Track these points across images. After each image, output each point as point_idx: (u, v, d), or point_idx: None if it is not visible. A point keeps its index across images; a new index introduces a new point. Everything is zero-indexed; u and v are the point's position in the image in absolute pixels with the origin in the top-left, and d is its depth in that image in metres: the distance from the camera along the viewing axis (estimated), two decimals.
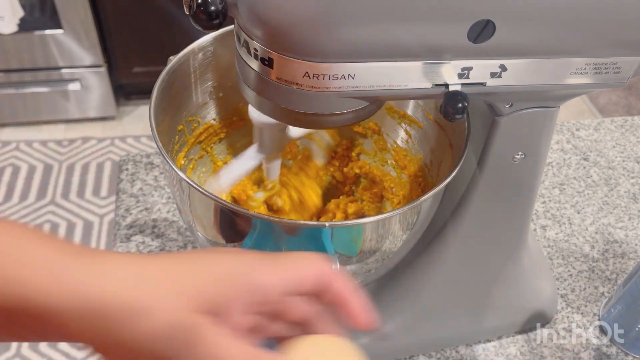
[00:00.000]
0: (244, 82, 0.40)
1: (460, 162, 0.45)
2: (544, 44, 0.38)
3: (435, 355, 0.61)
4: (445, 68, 0.37)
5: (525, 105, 0.45)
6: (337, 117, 0.39)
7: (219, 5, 0.34)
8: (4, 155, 1.92)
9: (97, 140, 1.98)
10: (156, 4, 1.77)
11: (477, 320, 0.61)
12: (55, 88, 1.93)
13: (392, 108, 0.61)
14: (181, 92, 0.54)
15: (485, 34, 0.35)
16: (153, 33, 1.85)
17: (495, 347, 0.62)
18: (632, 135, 0.89)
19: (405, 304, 0.60)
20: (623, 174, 0.82)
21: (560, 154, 0.85)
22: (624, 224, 0.75)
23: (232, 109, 0.60)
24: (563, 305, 0.66)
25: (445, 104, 0.38)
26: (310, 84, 0.36)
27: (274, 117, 0.41)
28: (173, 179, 0.47)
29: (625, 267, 0.70)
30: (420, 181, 0.60)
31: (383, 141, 0.64)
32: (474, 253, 0.57)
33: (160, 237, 0.69)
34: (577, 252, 0.72)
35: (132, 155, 0.79)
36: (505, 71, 0.39)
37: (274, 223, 0.45)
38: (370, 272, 0.50)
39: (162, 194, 0.74)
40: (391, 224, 0.45)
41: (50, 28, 1.78)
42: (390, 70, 0.37)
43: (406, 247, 0.50)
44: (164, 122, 0.51)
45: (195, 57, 0.54)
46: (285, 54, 0.35)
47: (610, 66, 0.41)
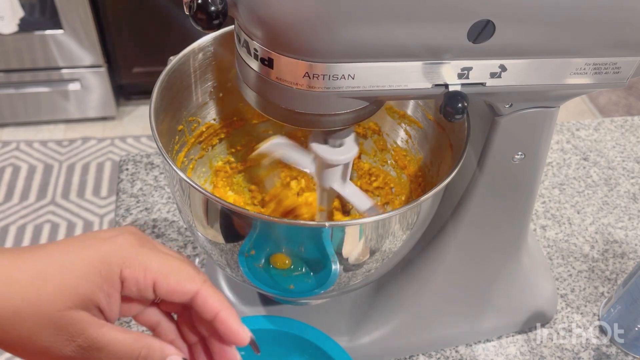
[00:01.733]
0: (244, 82, 0.40)
1: (460, 162, 0.45)
2: (544, 44, 0.38)
3: (435, 355, 0.61)
4: (445, 68, 0.37)
5: (525, 106, 0.45)
6: (337, 117, 0.39)
7: (219, 6, 0.34)
8: (4, 155, 1.92)
9: (97, 140, 1.98)
10: (156, 4, 1.78)
11: (477, 320, 0.61)
12: (55, 88, 1.93)
13: (392, 108, 0.61)
14: (181, 92, 0.54)
15: (485, 34, 0.35)
16: (153, 33, 1.85)
17: (495, 347, 0.62)
18: (632, 135, 0.89)
19: (405, 304, 0.60)
20: (623, 174, 0.82)
21: (560, 154, 0.85)
22: (623, 224, 0.75)
23: (232, 109, 0.60)
24: (563, 305, 0.66)
25: (445, 104, 0.38)
26: (310, 84, 0.36)
27: (274, 117, 0.41)
28: (173, 179, 0.47)
29: (625, 267, 0.70)
30: (420, 181, 0.60)
31: (383, 141, 0.64)
32: (473, 253, 0.57)
33: (160, 237, 0.69)
34: (577, 252, 0.72)
35: (132, 155, 0.79)
36: (505, 71, 0.39)
37: (273, 223, 0.45)
38: (370, 272, 0.50)
39: (162, 194, 0.74)
40: (391, 224, 0.45)
41: (50, 28, 1.78)
42: (390, 71, 0.37)
43: (406, 247, 0.50)
44: (164, 122, 0.51)
45: (195, 57, 0.54)
46: (285, 54, 0.35)
47: (610, 66, 0.41)
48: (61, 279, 0.32)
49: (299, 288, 0.51)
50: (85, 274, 0.33)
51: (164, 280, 0.34)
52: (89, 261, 0.33)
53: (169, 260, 0.35)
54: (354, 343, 0.58)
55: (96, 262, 0.33)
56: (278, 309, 0.60)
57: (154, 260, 0.34)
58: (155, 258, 0.35)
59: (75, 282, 0.33)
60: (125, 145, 1.97)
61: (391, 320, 0.59)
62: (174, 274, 0.35)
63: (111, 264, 0.33)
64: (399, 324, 0.59)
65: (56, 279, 0.32)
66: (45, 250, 0.34)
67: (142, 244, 0.35)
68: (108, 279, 0.33)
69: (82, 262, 0.33)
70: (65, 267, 0.33)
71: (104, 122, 2.07)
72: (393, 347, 0.60)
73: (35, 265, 0.33)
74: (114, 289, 0.34)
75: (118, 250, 0.34)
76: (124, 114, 2.10)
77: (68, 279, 0.32)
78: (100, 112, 2.04)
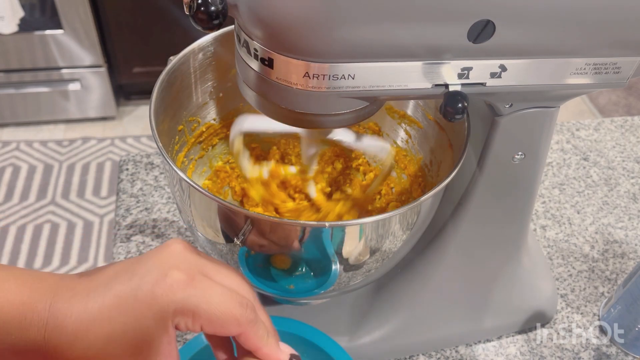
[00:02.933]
0: (244, 82, 0.40)
1: (460, 162, 0.45)
2: (543, 44, 0.38)
3: (435, 355, 0.61)
4: (445, 68, 0.37)
5: (525, 106, 0.45)
6: (337, 117, 0.39)
7: (219, 6, 0.34)
8: (4, 155, 1.92)
9: (97, 140, 1.98)
10: (156, 4, 1.78)
11: (477, 320, 0.61)
12: (55, 88, 1.94)
13: (392, 108, 0.61)
14: (181, 92, 0.54)
15: (485, 34, 0.35)
16: (153, 33, 1.85)
17: (495, 347, 0.62)
18: (632, 135, 0.89)
19: (405, 304, 0.60)
20: (623, 174, 0.82)
21: (560, 154, 0.85)
22: (624, 224, 0.75)
23: (232, 109, 0.60)
24: (563, 305, 0.66)
25: (445, 104, 0.38)
26: (310, 84, 0.36)
27: (274, 117, 0.41)
28: (173, 179, 0.47)
29: (625, 267, 0.70)
30: (420, 181, 0.60)
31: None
32: (473, 253, 0.57)
33: (160, 237, 0.69)
34: (577, 252, 0.72)
35: (132, 155, 0.79)
36: (505, 71, 0.39)
37: (273, 223, 0.45)
38: (370, 272, 0.50)
39: (162, 194, 0.74)
40: (391, 224, 0.45)
41: (50, 28, 1.78)
42: (390, 71, 0.37)
43: (406, 247, 0.50)
44: (164, 122, 0.51)
45: (195, 57, 0.54)
46: (285, 54, 0.35)
47: (610, 66, 0.41)
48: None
49: (299, 288, 0.51)
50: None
51: (210, 327, 0.35)
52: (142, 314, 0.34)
53: (217, 297, 0.35)
54: (354, 343, 0.58)
55: (149, 318, 0.34)
56: (278, 309, 0.60)
57: (202, 304, 0.34)
58: (203, 300, 0.34)
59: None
60: (125, 145, 1.97)
61: (391, 320, 0.59)
62: (221, 318, 0.35)
63: (163, 316, 0.34)
64: (399, 324, 0.59)
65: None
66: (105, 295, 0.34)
67: (192, 276, 0.35)
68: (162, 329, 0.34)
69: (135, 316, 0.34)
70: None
71: (104, 122, 2.07)
72: (393, 347, 0.60)
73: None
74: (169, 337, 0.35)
75: (169, 294, 0.34)
76: (124, 114, 2.11)
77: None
78: (100, 112, 2.04)
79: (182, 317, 0.34)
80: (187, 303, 0.34)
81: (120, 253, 0.67)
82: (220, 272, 0.38)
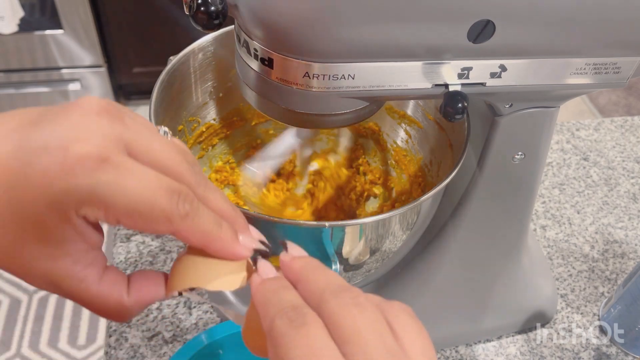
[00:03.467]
0: (244, 82, 0.40)
1: (460, 162, 0.45)
2: (543, 44, 0.38)
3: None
4: (445, 68, 0.37)
5: (525, 105, 0.45)
6: (337, 117, 0.39)
7: (219, 6, 0.34)
8: None
9: None
10: (156, 4, 1.77)
11: (477, 320, 0.61)
12: (55, 88, 1.93)
13: (392, 108, 0.61)
14: (181, 92, 0.54)
15: (485, 34, 0.35)
16: (153, 33, 1.85)
17: (495, 347, 0.62)
18: (632, 135, 0.89)
19: (405, 304, 0.59)
20: (623, 174, 0.82)
21: (560, 154, 0.85)
22: (624, 224, 0.75)
23: (232, 109, 0.61)
24: (563, 305, 0.66)
25: (445, 104, 0.38)
26: (310, 84, 0.36)
27: (274, 117, 0.41)
28: None
29: (625, 267, 0.70)
30: (420, 181, 0.60)
31: (383, 141, 0.64)
32: (473, 253, 0.57)
33: (160, 237, 0.69)
34: (577, 252, 0.72)
35: None
36: (505, 71, 0.39)
37: (273, 223, 0.45)
38: (370, 272, 0.50)
39: None
40: (391, 224, 0.45)
41: (50, 28, 1.78)
42: (390, 70, 0.37)
43: (406, 247, 0.50)
44: (164, 122, 0.51)
45: (195, 57, 0.54)
46: (285, 54, 0.35)
47: (610, 66, 0.41)
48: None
49: None
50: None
51: (130, 222, 0.27)
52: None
53: (137, 184, 0.26)
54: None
55: (41, 205, 0.26)
56: None
57: (116, 193, 0.26)
58: (118, 187, 0.26)
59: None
60: None
61: None
62: (143, 212, 0.27)
63: (60, 207, 0.26)
64: None
65: None
66: None
67: (105, 153, 0.26)
68: (60, 227, 0.27)
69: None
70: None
71: None
72: None
73: None
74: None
75: (68, 178, 0.25)
76: None
77: None
78: None
79: (90, 208, 0.26)
80: (95, 191, 0.25)
81: (120, 253, 0.67)
82: (152, 146, 0.28)
